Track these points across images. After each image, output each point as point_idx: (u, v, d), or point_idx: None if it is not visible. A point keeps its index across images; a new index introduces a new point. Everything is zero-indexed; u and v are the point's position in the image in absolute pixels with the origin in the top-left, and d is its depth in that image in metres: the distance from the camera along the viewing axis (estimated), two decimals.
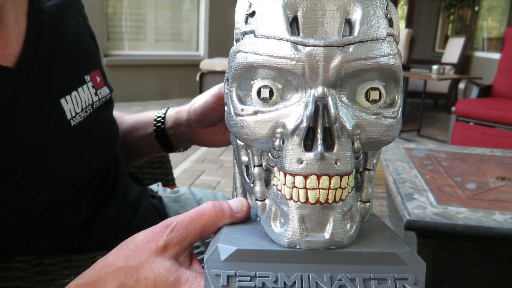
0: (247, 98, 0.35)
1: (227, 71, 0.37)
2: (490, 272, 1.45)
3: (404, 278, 0.32)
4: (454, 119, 3.58)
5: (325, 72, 0.31)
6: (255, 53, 0.33)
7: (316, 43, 0.31)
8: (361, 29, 0.32)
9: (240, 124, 0.34)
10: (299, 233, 0.33)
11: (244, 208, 0.39)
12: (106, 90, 0.64)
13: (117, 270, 0.35)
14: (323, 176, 0.32)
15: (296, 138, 0.32)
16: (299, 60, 0.31)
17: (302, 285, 0.31)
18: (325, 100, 0.31)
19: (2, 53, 0.48)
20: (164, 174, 1.07)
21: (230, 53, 0.36)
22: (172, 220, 0.38)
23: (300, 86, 0.33)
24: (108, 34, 5.73)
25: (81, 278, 0.36)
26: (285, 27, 0.32)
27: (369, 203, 0.36)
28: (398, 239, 0.36)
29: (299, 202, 0.33)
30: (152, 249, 0.36)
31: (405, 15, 8.65)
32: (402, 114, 0.37)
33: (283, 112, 0.33)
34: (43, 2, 0.56)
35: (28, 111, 0.49)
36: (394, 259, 0.33)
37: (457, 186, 1.57)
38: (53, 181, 0.53)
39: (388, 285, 0.31)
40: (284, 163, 0.32)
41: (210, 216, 0.38)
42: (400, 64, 0.34)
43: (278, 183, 0.34)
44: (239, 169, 0.40)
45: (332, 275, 0.32)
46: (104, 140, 0.63)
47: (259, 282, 0.31)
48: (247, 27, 0.34)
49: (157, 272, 0.35)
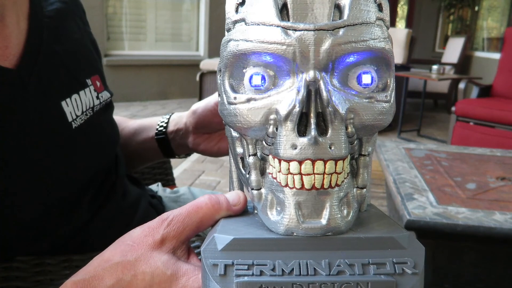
0: (240, 87, 0.35)
1: (219, 61, 0.37)
2: (490, 272, 1.45)
3: (403, 262, 0.32)
4: (454, 119, 3.58)
5: (316, 56, 0.31)
6: (245, 40, 0.33)
7: (306, 27, 0.31)
8: (351, 13, 0.32)
9: (233, 113, 0.34)
10: (296, 219, 0.33)
11: (241, 200, 0.40)
12: (107, 94, 0.65)
13: (114, 265, 0.35)
14: (318, 160, 0.32)
15: (290, 124, 0.32)
16: (290, 44, 0.31)
17: (300, 272, 0.31)
18: (317, 84, 0.31)
19: (3, 53, 0.49)
20: (164, 174, 1.07)
21: (221, 43, 0.36)
22: (169, 214, 0.38)
23: (291, 72, 0.33)
24: (108, 34, 5.73)
25: (78, 275, 0.36)
26: (275, 13, 0.32)
27: (366, 189, 0.36)
28: (397, 225, 0.36)
29: (295, 188, 0.33)
30: (149, 244, 0.36)
31: (405, 15, 8.65)
32: (395, 98, 0.36)
33: (276, 98, 0.33)
34: (44, 6, 0.56)
35: (28, 112, 0.49)
36: (393, 244, 0.33)
37: (457, 186, 1.57)
38: (54, 182, 0.53)
39: (387, 269, 0.31)
40: (279, 150, 0.32)
41: (207, 209, 0.38)
42: (391, 48, 0.34)
43: (273, 171, 0.34)
44: (235, 162, 0.40)
45: (330, 261, 0.32)
46: (104, 143, 0.63)
47: (256, 270, 0.31)
48: (238, 15, 0.34)
49: (155, 266, 0.35)
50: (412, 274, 0.31)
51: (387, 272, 0.31)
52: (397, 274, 0.31)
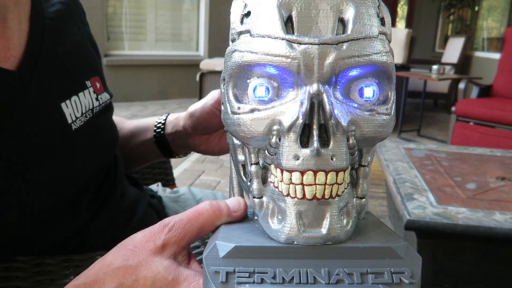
0: (243, 97, 0.35)
1: (223, 70, 0.37)
2: (490, 272, 1.45)
3: (401, 272, 0.33)
4: (454, 119, 3.58)
5: (319, 69, 0.32)
6: (251, 52, 0.33)
7: (311, 41, 0.32)
8: (354, 28, 0.33)
9: (237, 122, 0.35)
10: (297, 229, 0.33)
11: (241, 207, 0.40)
12: (107, 95, 0.65)
13: (116, 270, 0.35)
14: (320, 171, 0.32)
15: (292, 135, 0.33)
16: (294, 57, 0.32)
17: (300, 280, 0.32)
18: (320, 97, 0.32)
19: (5, 55, 0.49)
20: (164, 174, 1.07)
21: (226, 53, 0.37)
22: (170, 219, 0.38)
23: (295, 84, 0.33)
24: (108, 34, 5.73)
25: (79, 279, 0.36)
26: (280, 26, 0.32)
27: (365, 199, 0.37)
28: (394, 234, 0.36)
29: (296, 198, 0.33)
30: (151, 249, 0.36)
31: (405, 15, 8.65)
32: (395, 111, 0.37)
33: (279, 109, 0.33)
34: (45, 8, 0.56)
35: (29, 114, 0.49)
36: (390, 253, 0.34)
37: (457, 186, 1.57)
38: (53, 183, 0.53)
39: (385, 278, 0.32)
40: (281, 160, 0.33)
41: (208, 215, 0.38)
42: (392, 62, 0.35)
43: (275, 180, 0.35)
44: (236, 168, 0.40)
45: (330, 270, 0.32)
46: (103, 144, 0.63)
47: (257, 278, 0.32)
48: (243, 27, 0.35)
49: (156, 271, 0.35)
50: (409, 284, 0.32)
51: (385, 281, 0.32)
52: (394, 283, 0.32)
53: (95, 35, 0.68)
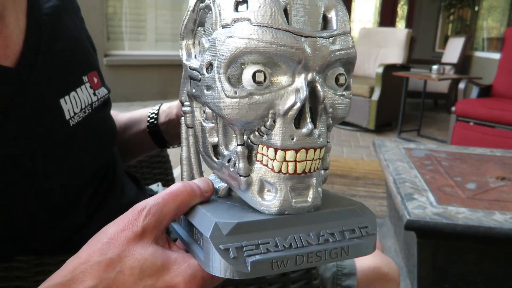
0: (236, 82, 0.37)
1: (209, 55, 0.38)
2: (490, 272, 1.45)
3: (365, 226, 0.40)
4: (454, 119, 3.58)
5: (317, 60, 0.36)
6: (254, 40, 0.35)
7: (312, 34, 0.36)
8: (339, 24, 0.38)
9: (231, 106, 0.36)
10: (289, 200, 0.38)
11: (210, 187, 0.41)
12: (104, 90, 0.65)
13: (95, 265, 0.34)
14: (310, 149, 0.37)
15: (289, 118, 0.36)
16: (298, 48, 0.35)
17: (297, 245, 0.37)
18: (314, 84, 0.36)
19: (4, 53, 0.49)
20: (164, 174, 1.07)
21: (214, 37, 0.37)
22: (143, 204, 0.37)
23: (290, 71, 0.36)
24: (108, 34, 5.73)
25: (52, 279, 0.34)
26: (283, 18, 0.35)
27: (328, 170, 0.43)
28: (347, 198, 0.44)
29: (288, 173, 0.37)
30: (130, 237, 0.35)
31: (405, 15, 8.65)
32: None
33: (276, 94, 0.36)
34: (41, 3, 0.56)
35: (27, 111, 0.49)
36: (354, 213, 0.41)
37: (457, 186, 1.57)
38: (52, 180, 0.53)
39: (357, 233, 0.39)
40: (277, 140, 0.36)
41: (183, 196, 0.38)
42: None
43: (263, 159, 0.38)
44: (204, 150, 0.43)
45: (316, 232, 0.38)
46: (102, 140, 0.63)
47: (263, 249, 0.35)
48: (239, 14, 0.36)
49: (142, 259, 0.34)
50: (371, 234, 0.40)
51: (357, 236, 0.39)
52: (363, 236, 0.40)
53: (95, 35, 0.68)
